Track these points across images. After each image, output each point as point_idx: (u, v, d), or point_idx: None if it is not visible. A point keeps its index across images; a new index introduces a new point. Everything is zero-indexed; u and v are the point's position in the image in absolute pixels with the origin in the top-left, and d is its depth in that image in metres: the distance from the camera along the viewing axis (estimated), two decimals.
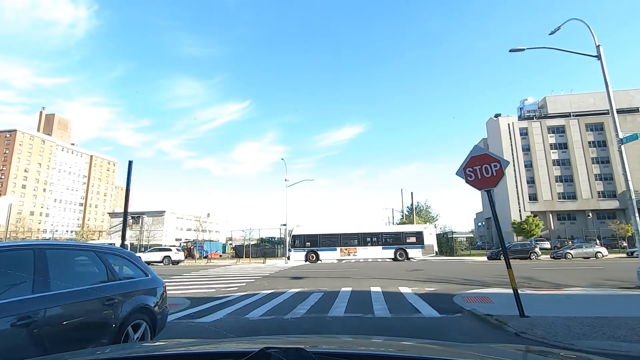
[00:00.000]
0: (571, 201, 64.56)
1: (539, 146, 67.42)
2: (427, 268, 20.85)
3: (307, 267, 25.20)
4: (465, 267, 21.69)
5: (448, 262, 28.19)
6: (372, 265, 24.33)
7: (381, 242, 30.40)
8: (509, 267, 7.29)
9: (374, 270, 19.56)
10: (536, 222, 33.11)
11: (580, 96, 69.26)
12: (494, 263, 25.09)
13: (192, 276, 18.33)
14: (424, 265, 22.80)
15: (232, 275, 18.74)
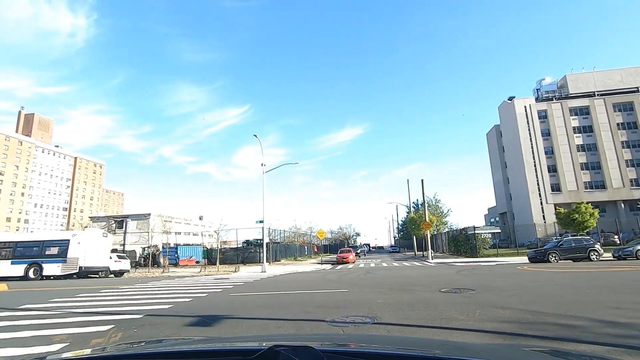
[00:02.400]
0: (600, 191, 56.88)
1: (560, 130, 59.80)
2: (462, 283, 13.31)
3: (270, 284, 17.78)
4: (527, 283, 14.11)
5: (481, 267, 20.73)
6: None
7: (11, 256, 21.74)
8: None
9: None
10: (591, 211, 25.43)
11: (606, 73, 61.63)
12: (557, 269, 17.58)
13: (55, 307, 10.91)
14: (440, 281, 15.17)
15: (118, 302, 11.11)
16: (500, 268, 18.68)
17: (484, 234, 31.26)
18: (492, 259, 27.06)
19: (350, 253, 31.45)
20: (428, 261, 29.35)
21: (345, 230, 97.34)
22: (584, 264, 19.57)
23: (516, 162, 62.78)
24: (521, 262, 23.06)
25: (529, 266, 18.06)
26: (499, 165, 71.23)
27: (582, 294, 8.53)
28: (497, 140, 71.42)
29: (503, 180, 69.59)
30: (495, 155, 72.73)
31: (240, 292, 11.97)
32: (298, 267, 28.11)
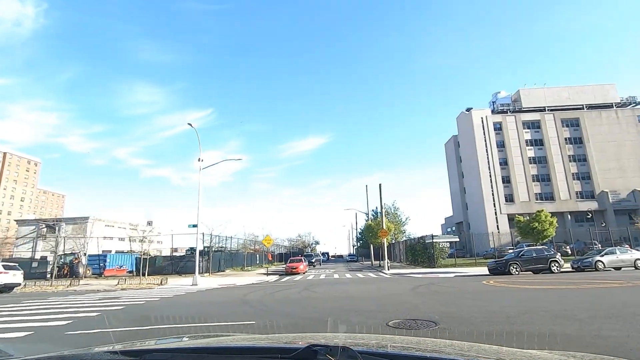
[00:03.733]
0: (549, 202, 58.57)
1: (514, 142, 61.36)
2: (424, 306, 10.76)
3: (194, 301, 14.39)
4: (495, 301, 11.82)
5: (440, 280, 18.59)
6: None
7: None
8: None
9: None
10: (550, 220, 24.43)
11: (555, 89, 64.45)
12: (528, 285, 15.72)
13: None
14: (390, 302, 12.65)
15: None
16: (461, 281, 16.57)
17: (442, 243, 29.60)
18: (451, 270, 25.31)
19: (301, 263, 28.45)
20: (384, 272, 27.07)
21: (304, 239, 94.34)
22: (548, 276, 18.06)
23: (472, 172, 63.52)
24: (481, 273, 21.36)
25: (494, 280, 16.06)
26: (456, 175, 72.04)
27: (597, 330, 6.15)
28: (454, 151, 72.32)
29: (460, 190, 70.33)
30: (453, 165, 73.60)
31: (89, 329, 8.51)
32: (239, 279, 24.63)
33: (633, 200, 56.59)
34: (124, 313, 10.03)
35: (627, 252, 21.32)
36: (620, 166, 57.88)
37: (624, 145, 58.80)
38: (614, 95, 62.91)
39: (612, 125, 60.18)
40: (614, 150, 58.74)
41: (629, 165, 57.85)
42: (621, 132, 59.62)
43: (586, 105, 61.93)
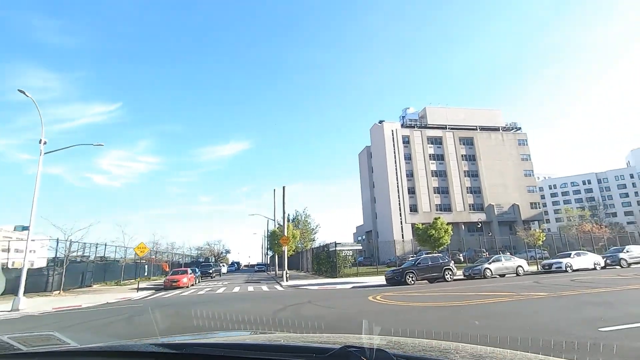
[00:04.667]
0: (447, 213, 63.13)
1: (419, 156, 65.18)
2: None
3: None
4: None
5: (329, 294, 16.51)
6: None
7: None
8: None
9: None
10: (445, 227, 24.56)
11: (454, 110, 70.65)
12: (421, 301, 14.27)
13: None
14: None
15: None
16: (352, 295, 14.63)
17: (345, 252, 28.22)
18: (352, 280, 23.80)
19: (184, 276, 24.20)
20: (281, 284, 24.41)
21: (213, 247, 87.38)
22: (441, 286, 17.29)
23: (382, 182, 65.59)
24: (380, 283, 20.07)
25: (384, 295, 14.35)
26: (368, 185, 73.94)
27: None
28: (367, 161, 74.35)
29: (371, 199, 72.19)
30: (366, 175, 75.54)
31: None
32: (97, 297, 19.52)
33: (513, 213, 64.15)
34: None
35: (510, 259, 22.21)
36: (503, 182, 65.32)
37: (507, 164, 66.70)
38: (500, 120, 71.40)
39: (498, 146, 67.92)
40: (500, 168, 66.19)
41: (510, 182, 65.68)
42: (505, 152, 67.62)
43: (479, 127, 69.02)
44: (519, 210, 63.89)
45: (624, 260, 23.83)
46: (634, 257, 24.54)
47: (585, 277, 15.24)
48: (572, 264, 22.46)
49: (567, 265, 22.26)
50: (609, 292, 9.48)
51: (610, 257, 24.31)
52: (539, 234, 28.40)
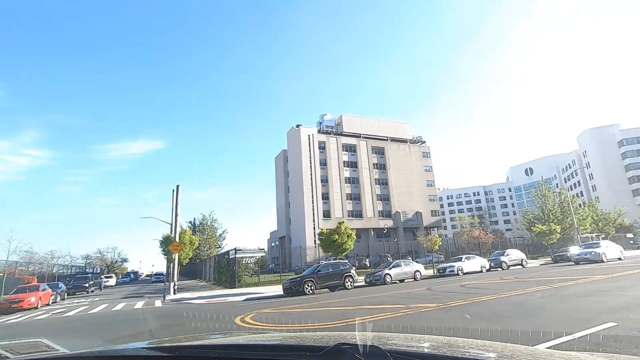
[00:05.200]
0: (358, 219, 64.84)
1: (334, 162, 65.91)
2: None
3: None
4: None
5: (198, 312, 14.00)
6: None
7: None
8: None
9: None
10: (349, 232, 23.85)
11: (368, 120, 73.50)
12: (298, 306, 12.57)
13: None
14: None
15: None
16: (215, 319, 12.39)
17: (246, 259, 25.77)
18: (251, 290, 21.46)
19: (33, 293, 19.03)
20: (167, 297, 20.87)
21: (105, 255, 76.15)
22: (339, 296, 16.06)
23: (297, 187, 64.60)
24: (278, 293, 18.14)
25: (262, 313, 12.17)
26: (283, 189, 72.32)
27: None
28: (283, 165, 72.83)
29: (285, 204, 70.62)
30: (281, 180, 73.86)
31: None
32: None
33: (416, 220, 68.69)
34: None
35: (409, 264, 22.35)
36: (409, 191, 69.71)
37: (413, 174, 71.46)
38: (408, 133, 76.49)
39: (405, 157, 72.49)
40: (406, 177, 70.55)
41: (415, 191, 70.42)
42: (411, 163, 72.46)
43: (390, 138, 72.87)
44: (421, 217, 68.67)
45: (505, 263, 26.03)
46: (512, 260, 27.00)
47: (474, 282, 15.53)
48: (463, 267, 23.58)
49: (458, 269, 23.28)
50: (496, 301, 8.99)
51: (494, 260, 26.36)
52: (436, 239, 29.79)
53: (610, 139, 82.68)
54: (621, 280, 12.04)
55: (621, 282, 11.48)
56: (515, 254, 27.96)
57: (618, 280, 12.12)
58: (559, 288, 10.91)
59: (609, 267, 19.21)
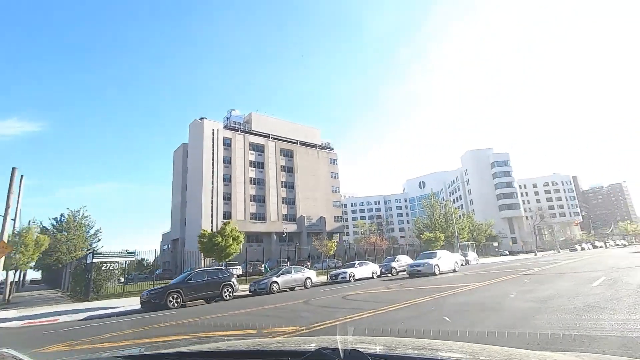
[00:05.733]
0: (261, 222, 62.24)
1: (239, 161, 62.24)
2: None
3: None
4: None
5: None
6: None
7: None
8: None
9: None
10: (236, 234, 21.25)
11: (279, 121, 71.76)
12: (137, 328, 9.68)
13: None
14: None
15: None
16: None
17: (108, 264, 21.09)
18: (107, 304, 17.18)
19: None
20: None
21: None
22: (211, 308, 13.43)
23: (196, 185, 59.06)
24: (137, 308, 14.59)
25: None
26: (180, 187, 65.57)
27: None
28: (182, 160, 66.20)
29: (182, 203, 64.04)
30: (179, 176, 66.96)
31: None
32: None
33: (320, 225, 68.96)
34: None
35: (300, 271, 20.75)
36: (315, 196, 69.82)
37: (320, 179, 71.90)
38: (318, 138, 77.02)
39: (313, 162, 72.63)
40: (313, 182, 70.58)
41: (321, 196, 70.87)
42: (319, 168, 72.90)
43: (299, 141, 72.23)
44: (325, 222, 69.23)
45: (394, 269, 26.45)
46: (402, 266, 27.66)
47: (359, 293, 14.49)
48: (355, 273, 23.00)
49: (350, 275, 22.60)
50: (372, 319, 7.60)
51: (385, 267, 26.61)
52: (331, 244, 29.11)
53: (485, 160, 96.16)
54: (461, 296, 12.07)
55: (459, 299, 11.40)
56: (405, 260, 28.81)
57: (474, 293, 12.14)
58: (439, 299, 10.25)
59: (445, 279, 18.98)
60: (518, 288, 11.44)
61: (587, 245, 72.01)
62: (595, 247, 72.75)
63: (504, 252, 66.87)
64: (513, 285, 12.56)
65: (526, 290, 10.84)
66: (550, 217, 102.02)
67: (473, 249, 49.22)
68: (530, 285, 12.17)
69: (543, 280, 13.66)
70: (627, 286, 9.75)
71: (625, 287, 9.69)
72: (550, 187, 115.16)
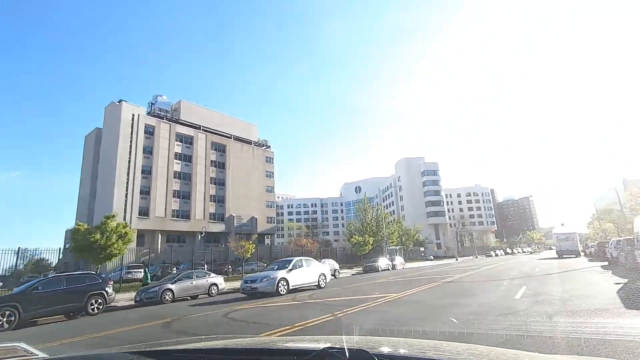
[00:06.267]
0: (184, 221, 56.81)
1: (163, 152, 56.20)
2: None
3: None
4: None
5: None
6: None
7: None
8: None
9: None
10: (124, 231, 17.48)
11: (212, 112, 66.83)
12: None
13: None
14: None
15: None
16: None
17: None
18: None
19: None
20: None
21: None
22: (46, 333, 9.94)
23: (108, 176, 51.87)
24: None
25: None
26: (89, 176, 57.31)
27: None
28: (94, 146, 58.06)
29: (90, 195, 55.94)
30: (89, 164, 58.57)
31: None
32: None
33: (251, 225, 65.30)
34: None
35: (204, 276, 17.65)
36: (247, 195, 65.98)
37: (253, 178, 68.27)
38: (255, 135, 73.38)
39: (248, 159, 68.83)
40: (246, 180, 66.70)
41: (254, 195, 67.24)
42: (254, 166, 69.26)
43: (234, 136, 67.97)
44: (257, 223, 65.75)
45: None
46: None
47: (253, 307, 12.09)
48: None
49: None
50: None
51: None
52: (249, 245, 26.35)
53: (417, 168, 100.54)
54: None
55: None
56: (330, 263, 27.11)
57: None
58: (340, 317, 8.23)
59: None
60: (438, 301, 9.93)
61: (500, 252, 78.33)
62: (507, 254, 79.43)
63: (429, 256, 69.63)
64: (431, 296, 11.14)
65: (448, 304, 9.35)
66: (471, 225, 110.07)
67: (401, 253, 49.84)
68: (452, 298, 10.82)
69: (464, 291, 12.56)
70: (552, 300, 8.69)
71: (550, 301, 8.61)
72: (471, 198, 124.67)
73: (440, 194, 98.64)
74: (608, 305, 7.64)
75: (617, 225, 51.76)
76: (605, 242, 28.34)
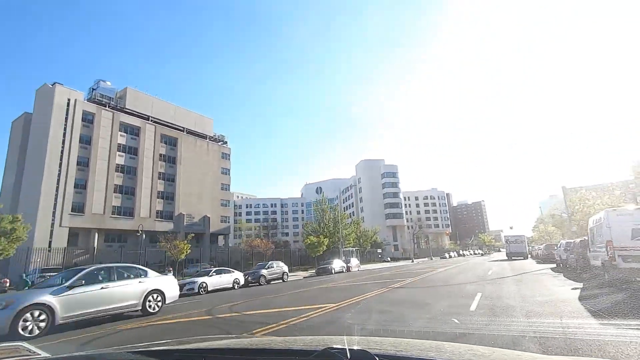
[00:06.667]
0: (127, 218, 51.96)
1: (104, 142, 51.06)
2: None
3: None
4: None
5: None
6: None
7: None
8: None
9: None
10: (12, 225, 14.35)
11: (164, 103, 62.20)
12: None
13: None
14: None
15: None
16: None
17: None
18: None
19: None
20: None
21: None
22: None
23: (36, 166, 46.06)
24: None
25: None
26: (15, 165, 50.65)
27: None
28: (22, 133, 51.49)
29: (14, 186, 49.40)
30: (15, 152, 51.73)
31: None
32: None
33: (203, 224, 61.45)
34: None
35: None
36: (200, 192, 62.05)
37: (207, 175, 64.40)
38: (210, 129, 69.50)
39: (202, 155, 64.85)
40: (199, 177, 62.73)
41: (207, 193, 63.39)
42: (208, 163, 65.38)
43: (187, 129, 63.77)
44: (209, 222, 62.03)
45: (263, 277, 22.43)
46: (274, 273, 23.88)
47: (164, 322, 9.89)
48: (207, 283, 18.22)
49: (201, 286, 17.70)
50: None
51: (252, 275, 22.44)
52: (184, 246, 23.72)
53: (377, 170, 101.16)
54: None
55: None
56: (278, 265, 25.08)
57: None
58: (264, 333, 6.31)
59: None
60: (377, 317, 8.25)
61: (454, 254, 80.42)
62: (460, 255, 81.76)
63: (387, 258, 69.67)
64: (376, 305, 9.50)
65: (393, 318, 7.71)
66: (427, 227, 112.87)
67: (357, 255, 48.89)
68: (398, 306, 9.23)
69: (414, 299, 11.10)
70: (511, 311, 7.32)
71: (508, 311, 7.25)
72: (429, 201, 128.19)
73: (399, 196, 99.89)
74: (576, 315, 6.38)
75: (559, 228, 54.56)
76: (554, 245, 28.79)
